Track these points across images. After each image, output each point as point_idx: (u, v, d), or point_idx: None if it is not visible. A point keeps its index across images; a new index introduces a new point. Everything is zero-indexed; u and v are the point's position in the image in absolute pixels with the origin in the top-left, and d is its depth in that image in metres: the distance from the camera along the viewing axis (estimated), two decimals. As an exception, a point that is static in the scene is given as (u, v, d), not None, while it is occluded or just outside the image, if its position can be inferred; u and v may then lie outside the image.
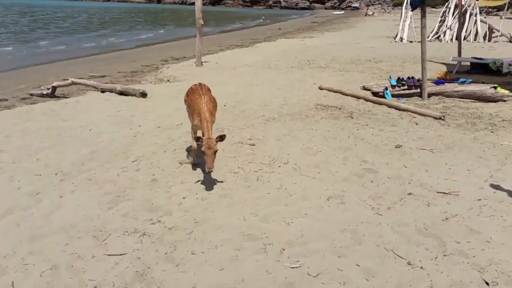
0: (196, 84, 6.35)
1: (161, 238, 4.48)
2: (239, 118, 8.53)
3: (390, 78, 10.79)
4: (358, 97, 10.17)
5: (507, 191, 5.46)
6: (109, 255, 4.21)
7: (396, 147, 7.04)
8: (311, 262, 4.06)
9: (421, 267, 3.96)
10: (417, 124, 8.32)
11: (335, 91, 10.67)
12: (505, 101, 10.04)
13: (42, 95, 11.17)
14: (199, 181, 5.67)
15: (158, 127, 8.03)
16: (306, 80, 12.06)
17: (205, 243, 4.39)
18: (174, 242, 4.41)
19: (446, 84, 10.57)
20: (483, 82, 10.93)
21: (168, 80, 12.51)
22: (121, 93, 10.40)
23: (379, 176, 5.93)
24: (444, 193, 5.44)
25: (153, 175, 6.00)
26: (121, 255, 4.21)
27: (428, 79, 10.71)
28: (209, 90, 6.26)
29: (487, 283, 3.72)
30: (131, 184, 5.72)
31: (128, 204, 5.19)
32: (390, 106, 9.49)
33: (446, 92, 10.41)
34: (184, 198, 5.32)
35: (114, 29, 34.89)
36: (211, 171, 5.27)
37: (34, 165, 6.32)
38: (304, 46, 18.67)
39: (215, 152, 5.25)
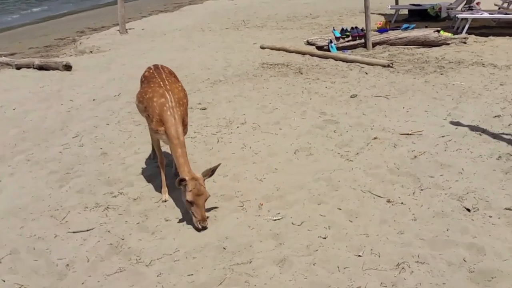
0: (151, 69, 4.87)
1: (127, 209, 4.50)
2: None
3: (334, 30, 11.12)
4: (303, 53, 10.42)
5: (468, 126, 5.94)
6: (74, 232, 4.19)
7: (351, 97, 7.38)
8: (292, 212, 4.27)
9: (402, 203, 4.28)
10: (367, 73, 8.71)
11: (278, 49, 10.85)
12: (448, 44, 10.67)
13: None
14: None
15: (94, 100, 7.86)
16: (245, 40, 12.15)
17: (177, 208, 4.47)
18: (144, 211, 4.45)
19: (389, 31, 11.05)
20: (426, 27, 11.54)
21: (91, 51, 12.14)
22: (41, 67, 10.00)
23: (341, 126, 6.22)
24: (408, 133, 5.83)
25: (101, 148, 5.93)
26: (87, 230, 4.20)
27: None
28: (173, 76, 4.87)
29: (468, 210, 4.10)
30: (78, 160, 5.64)
31: (81, 180, 5.13)
32: (337, 59, 9.83)
33: (390, 40, 10.90)
34: (142, 168, 5.33)
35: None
36: (206, 227, 4.06)
37: (-39, 152, 6.04)
38: (235, 6, 18.64)
39: (207, 199, 4.08)
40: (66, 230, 4.20)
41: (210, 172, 4.13)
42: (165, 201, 4.59)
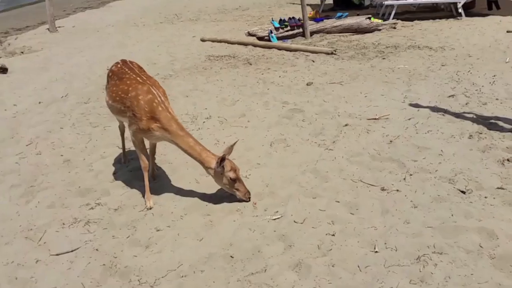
0: (119, 63, 4.27)
1: (111, 222, 3.88)
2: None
3: (273, 20, 10.76)
4: (245, 44, 9.97)
5: (428, 107, 5.80)
6: (57, 254, 3.52)
7: (307, 84, 7.06)
8: (290, 209, 3.86)
9: (397, 190, 4.00)
10: (313, 61, 8.43)
11: (220, 41, 10.32)
12: (380, 29, 10.66)
13: None
14: (122, 152, 5.02)
15: (40, 102, 6.96)
16: (183, 34, 11.48)
17: (166, 216, 3.92)
18: (130, 222, 3.85)
19: (325, 20, 10.85)
20: (357, 14, 11.46)
21: (23, 52, 10.92)
22: (-31, 72, 8.80)
23: (307, 114, 5.88)
24: (375, 118, 5.59)
25: (62, 155, 5.18)
26: (72, 251, 3.54)
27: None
28: (144, 70, 4.31)
29: (463, 192, 3.89)
30: (39, 170, 4.87)
31: (48, 193, 4.41)
32: (280, 48, 9.48)
33: (326, 28, 10.71)
34: (114, 174, 4.69)
35: None
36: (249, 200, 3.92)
37: None
38: (163, 0, 17.72)
39: None
40: (48, 253, 3.51)
41: (231, 150, 3.83)
42: (150, 209, 4.01)
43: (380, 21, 10.90)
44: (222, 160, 3.69)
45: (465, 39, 9.28)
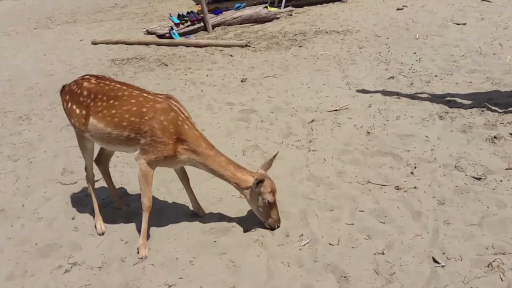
0: (91, 79, 3.21)
1: (105, 287, 2.90)
2: (35, 98, 6.39)
3: (171, 16, 9.78)
4: (147, 43, 8.91)
5: (377, 91, 5.54)
6: None
7: (242, 81, 6.40)
8: (315, 230, 3.25)
9: (415, 187, 3.59)
10: (232, 56, 7.77)
11: (116, 43, 9.10)
12: (278, 18, 10.32)
13: None
14: (74, 193, 3.93)
15: None
16: (67, 38, 9.98)
17: (171, 264, 3.05)
18: (131, 282, 2.92)
19: (224, 12, 10.18)
20: (255, 4, 10.96)
21: None
22: None
23: (262, 114, 5.26)
24: (336, 110, 5.17)
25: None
26: None
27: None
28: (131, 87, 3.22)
29: (479, 178, 3.61)
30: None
31: (2, 259, 3.23)
32: (188, 45, 8.63)
33: (227, 20, 10.07)
34: (73, 218, 3.63)
35: None
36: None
37: None
38: (25, 5, 15.34)
39: None
40: None
41: (270, 164, 3.23)
42: (145, 258, 3.10)
43: (276, 9, 10.53)
44: (261, 180, 3.03)
45: (363, 20, 9.31)
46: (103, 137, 3.08)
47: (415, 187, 3.57)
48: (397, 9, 9.76)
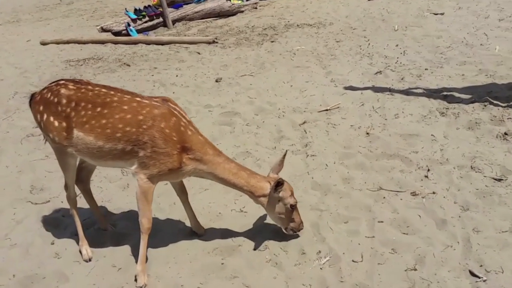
0: (69, 84, 2.81)
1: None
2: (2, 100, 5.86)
3: (127, 11, 9.33)
4: (103, 42, 8.45)
5: (367, 88, 5.40)
6: None
7: (216, 81, 6.11)
8: (333, 245, 3.01)
9: (433, 192, 3.43)
10: (200, 53, 7.47)
11: (67, 42, 8.58)
12: (242, 11, 10.09)
13: None
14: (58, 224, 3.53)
15: None
16: (12, 39, 9.36)
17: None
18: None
19: (184, 6, 9.83)
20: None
21: None
22: None
23: (246, 117, 5.00)
24: (327, 109, 4.98)
25: None
26: None
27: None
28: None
29: (499, 179, 3.49)
30: None
31: None
32: (149, 43, 8.24)
33: (188, 15, 9.73)
34: (52, 243, 3.23)
35: None
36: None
37: None
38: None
39: None
40: None
41: (281, 166, 2.99)
42: (146, 286, 2.77)
43: (240, 2, 10.29)
44: (279, 184, 2.79)
45: (334, 12, 9.23)
46: (92, 152, 2.72)
47: (433, 192, 3.40)
48: (368, 0, 9.72)
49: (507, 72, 5.34)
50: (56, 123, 2.74)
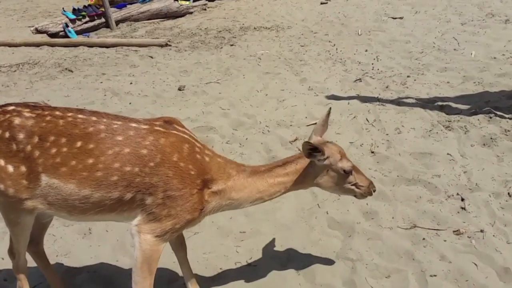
0: (27, 106, 1.88)
1: None
2: None
3: (65, 11, 8.02)
4: (38, 44, 7.16)
5: (351, 98, 4.72)
6: None
7: (179, 89, 5.16)
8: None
9: (481, 230, 2.71)
10: (153, 57, 6.44)
11: (-5, 44, 7.19)
12: (191, 12, 9.13)
13: None
14: None
15: None
16: None
17: None
18: None
19: (129, 6, 8.67)
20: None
21: None
22: None
23: (224, 132, 4.14)
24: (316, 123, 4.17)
25: None
26: None
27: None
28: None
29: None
30: None
31: None
32: (92, 45, 7.07)
33: (132, 16, 8.60)
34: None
35: None
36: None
37: None
38: None
39: None
40: None
41: (326, 127, 2.28)
42: None
43: (187, 3, 9.28)
44: (316, 149, 1.98)
45: (289, 15, 8.50)
46: (72, 205, 1.79)
47: (481, 231, 2.68)
48: (321, 3, 9.08)
49: (495, 79, 4.81)
50: (11, 169, 1.75)
